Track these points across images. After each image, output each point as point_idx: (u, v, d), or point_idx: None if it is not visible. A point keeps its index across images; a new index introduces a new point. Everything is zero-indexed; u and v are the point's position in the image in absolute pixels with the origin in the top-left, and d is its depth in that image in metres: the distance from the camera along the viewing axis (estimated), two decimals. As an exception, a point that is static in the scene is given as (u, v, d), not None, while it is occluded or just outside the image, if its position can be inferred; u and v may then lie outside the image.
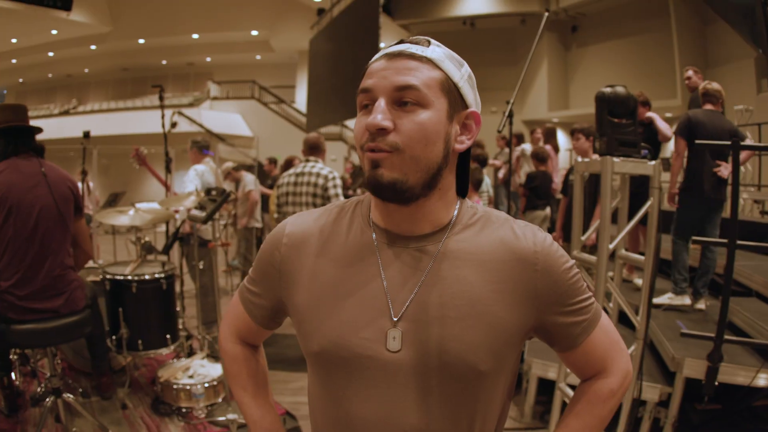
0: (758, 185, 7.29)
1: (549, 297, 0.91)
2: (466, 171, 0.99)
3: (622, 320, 2.81)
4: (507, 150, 8.62)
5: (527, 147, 7.04)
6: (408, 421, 0.88)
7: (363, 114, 0.89)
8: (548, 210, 5.94)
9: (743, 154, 4.37)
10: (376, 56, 0.91)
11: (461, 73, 0.91)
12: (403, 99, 0.85)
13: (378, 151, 0.85)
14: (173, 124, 7.43)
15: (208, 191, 3.77)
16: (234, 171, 6.78)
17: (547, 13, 3.46)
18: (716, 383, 2.04)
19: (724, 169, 3.77)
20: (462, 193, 0.99)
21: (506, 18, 13.41)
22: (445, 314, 0.88)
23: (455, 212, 0.95)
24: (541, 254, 0.91)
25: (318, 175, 4.01)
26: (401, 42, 0.91)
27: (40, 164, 2.75)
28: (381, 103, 0.85)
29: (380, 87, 0.86)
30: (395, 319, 0.89)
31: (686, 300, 3.90)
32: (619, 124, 2.56)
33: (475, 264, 0.90)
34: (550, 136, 6.43)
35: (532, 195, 5.90)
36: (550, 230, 5.57)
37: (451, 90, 0.89)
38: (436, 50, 0.89)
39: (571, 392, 2.72)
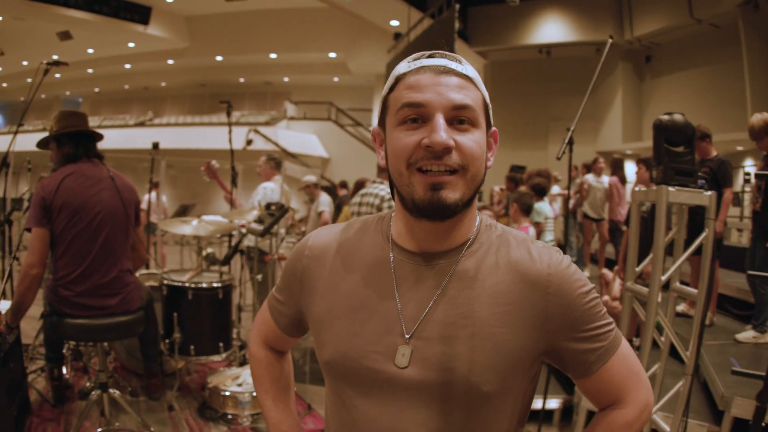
0: None
1: (561, 321, 0.90)
2: None
3: (674, 355, 2.72)
4: (578, 180, 8.47)
5: (591, 177, 6.89)
6: None
7: (408, 129, 0.86)
8: None
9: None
10: (413, 66, 0.89)
11: (486, 92, 0.93)
12: (459, 118, 0.85)
13: (442, 171, 0.84)
14: (249, 142, 7.67)
15: (268, 206, 3.91)
16: (314, 187, 6.84)
17: (611, 40, 3.43)
18: (763, 424, 1.91)
19: None
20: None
21: (581, 47, 13.20)
22: (453, 334, 0.88)
23: (474, 230, 0.95)
24: (555, 277, 0.90)
25: (376, 195, 4.08)
26: (435, 54, 0.90)
27: (107, 170, 2.92)
28: (441, 120, 0.84)
29: (436, 103, 0.84)
30: (407, 336, 0.90)
31: None
32: (676, 153, 2.49)
33: (486, 285, 0.90)
34: (617, 168, 6.25)
35: None
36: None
37: (486, 110, 0.92)
38: (469, 68, 0.90)
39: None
